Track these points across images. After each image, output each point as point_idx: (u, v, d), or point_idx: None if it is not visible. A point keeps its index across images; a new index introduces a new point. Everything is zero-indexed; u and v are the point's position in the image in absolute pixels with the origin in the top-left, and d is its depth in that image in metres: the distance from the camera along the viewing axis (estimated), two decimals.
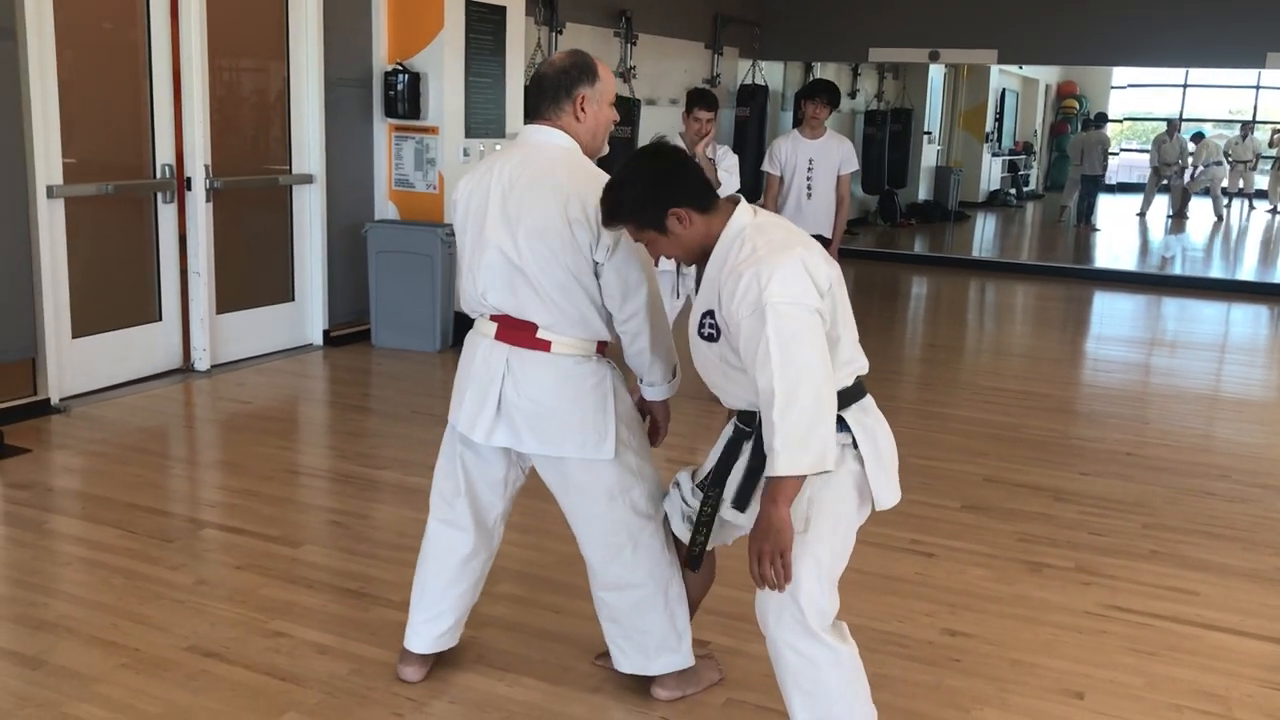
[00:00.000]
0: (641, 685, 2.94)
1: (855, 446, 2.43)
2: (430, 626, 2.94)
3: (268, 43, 6.50)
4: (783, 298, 2.27)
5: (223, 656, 3.06)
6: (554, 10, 8.48)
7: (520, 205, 2.61)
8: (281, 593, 3.48)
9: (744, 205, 2.47)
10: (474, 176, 2.76)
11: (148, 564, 3.66)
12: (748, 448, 2.51)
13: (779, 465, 2.25)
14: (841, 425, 2.39)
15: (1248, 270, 13.65)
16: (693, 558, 2.67)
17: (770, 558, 2.29)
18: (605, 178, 2.56)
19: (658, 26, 10.02)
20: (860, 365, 2.48)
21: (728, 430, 2.61)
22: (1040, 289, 10.94)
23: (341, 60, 6.73)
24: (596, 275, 2.62)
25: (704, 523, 2.61)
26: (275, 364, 6.44)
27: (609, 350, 2.78)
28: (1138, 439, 5.57)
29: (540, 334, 2.65)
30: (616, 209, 2.46)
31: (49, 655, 3.04)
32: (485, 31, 7.22)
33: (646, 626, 2.80)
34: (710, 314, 2.44)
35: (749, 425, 2.51)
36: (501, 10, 7.34)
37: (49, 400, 5.25)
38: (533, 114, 2.73)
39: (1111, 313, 10.28)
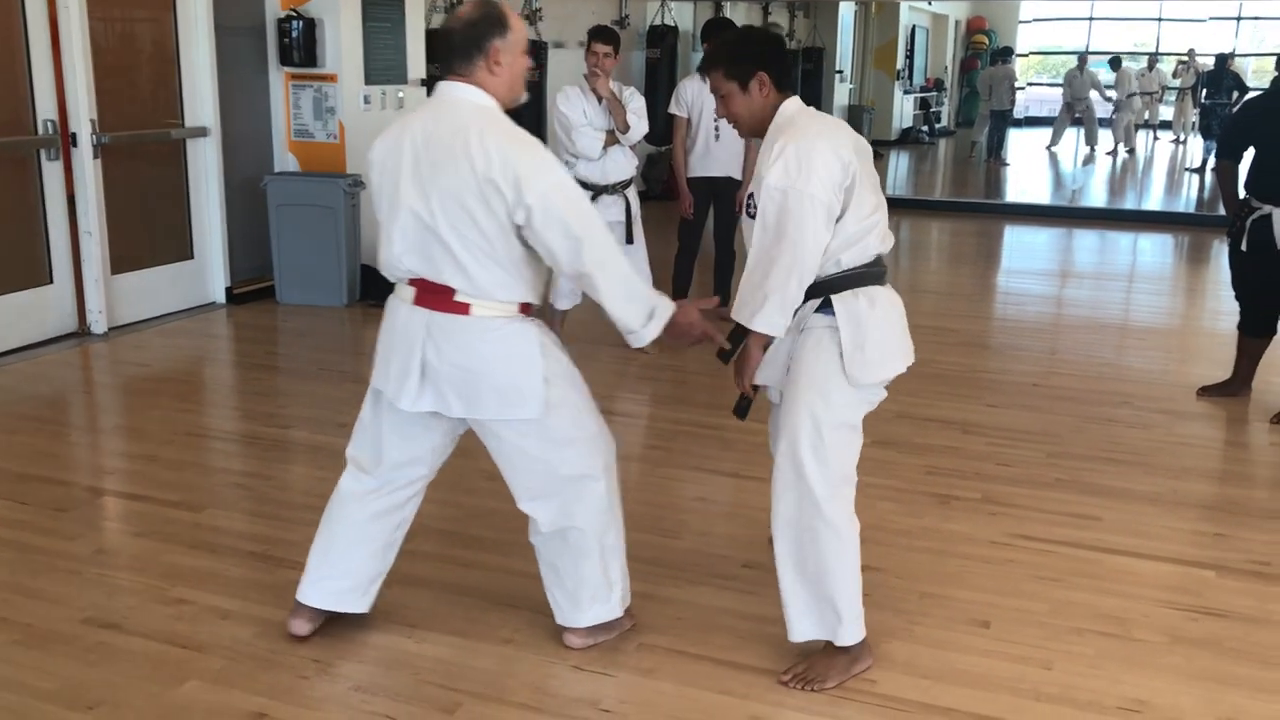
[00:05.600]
0: (554, 634, 2.92)
1: (839, 334, 2.67)
2: (328, 583, 2.88)
3: None
4: (775, 180, 2.58)
5: (121, 627, 2.97)
6: None
7: (433, 166, 2.54)
8: (183, 559, 3.39)
9: (792, 100, 2.77)
10: (388, 136, 2.67)
11: (41, 535, 3.53)
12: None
13: (732, 310, 2.70)
14: (828, 308, 2.68)
15: (1155, 201, 13.94)
16: (740, 408, 2.90)
17: (744, 377, 2.80)
18: (524, 136, 2.55)
19: None
20: (866, 249, 2.69)
21: None
22: (954, 225, 11.06)
23: (233, 7, 6.48)
24: (522, 239, 2.56)
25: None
26: (176, 324, 6.26)
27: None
28: (1045, 370, 5.67)
29: (459, 297, 2.60)
30: (720, 51, 2.82)
31: None
32: None
33: (582, 575, 2.81)
34: (752, 195, 2.73)
35: None
36: None
37: None
38: (445, 69, 2.63)
39: (1023, 247, 10.44)
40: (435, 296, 2.61)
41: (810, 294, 2.68)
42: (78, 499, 3.86)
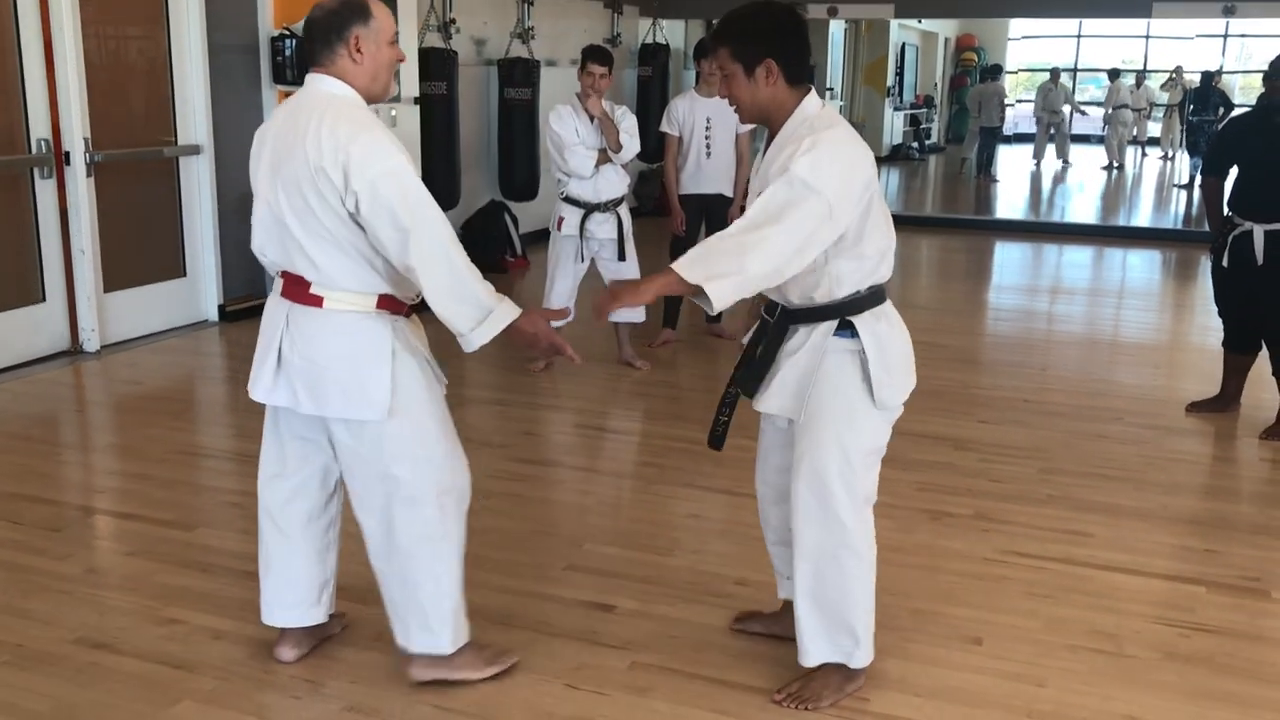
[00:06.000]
0: (549, 654, 2.92)
1: (863, 355, 2.58)
2: (276, 601, 2.86)
3: (145, 8, 6.24)
4: (804, 173, 2.39)
5: (113, 647, 2.96)
6: None
7: (280, 156, 2.51)
8: (175, 578, 3.38)
9: (814, 96, 2.59)
10: (257, 133, 2.67)
11: (32, 555, 3.52)
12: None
13: (680, 264, 2.42)
14: (851, 331, 2.57)
15: (1144, 217, 14.01)
16: (714, 437, 2.79)
17: (614, 299, 2.50)
18: (366, 122, 2.47)
19: None
20: (882, 271, 2.62)
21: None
22: (944, 241, 11.09)
23: (226, 25, 6.49)
24: (360, 226, 2.49)
25: (726, 404, 2.76)
26: (169, 342, 6.25)
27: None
28: (1037, 386, 5.69)
29: (314, 289, 2.55)
30: (729, 27, 2.56)
31: None
32: None
33: (409, 600, 2.70)
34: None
35: (770, 315, 2.67)
36: None
37: None
38: (309, 60, 2.59)
39: (1013, 262, 10.48)
40: (294, 288, 2.58)
41: (826, 315, 2.59)
42: (69, 518, 3.85)
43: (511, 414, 5.12)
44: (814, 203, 2.39)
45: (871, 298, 2.61)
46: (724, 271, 2.38)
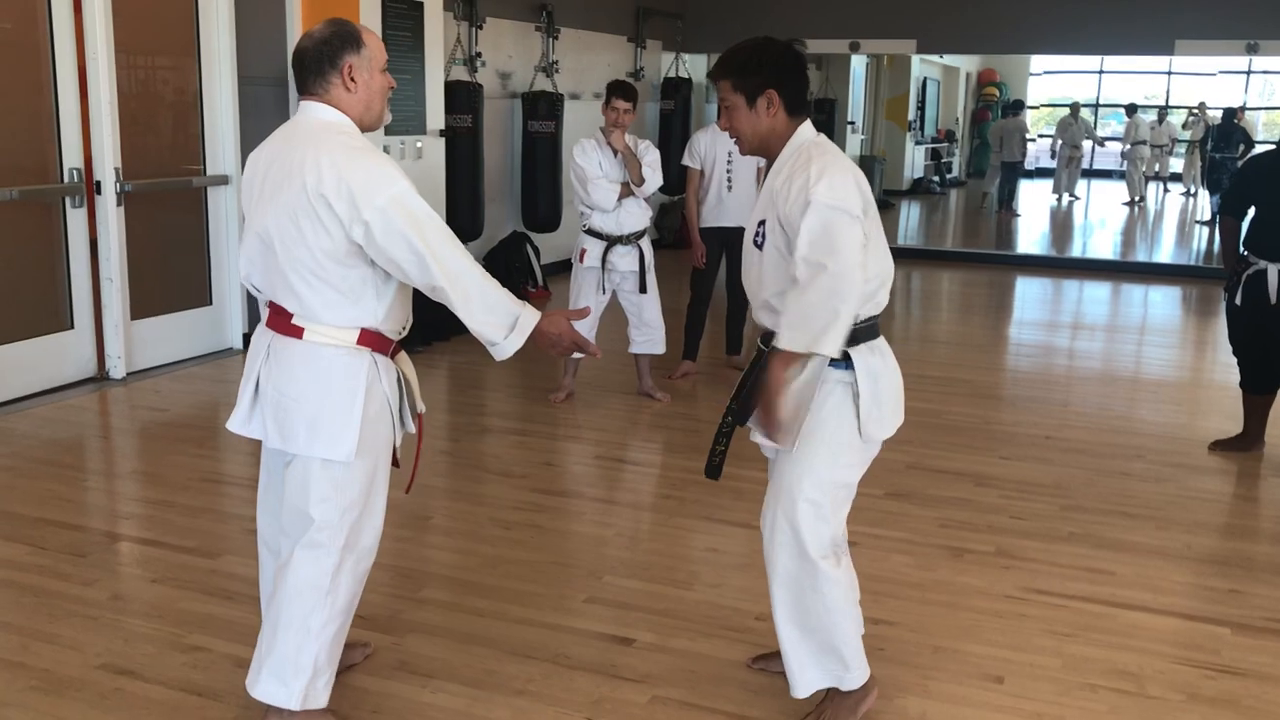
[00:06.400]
0: (569, 686, 2.93)
1: (856, 387, 2.60)
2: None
3: (178, 40, 6.35)
4: (827, 198, 2.45)
5: (137, 674, 2.99)
6: (473, 5, 8.40)
7: (274, 183, 2.48)
8: (199, 605, 3.41)
9: (808, 124, 2.66)
10: (249, 161, 2.64)
11: (59, 580, 3.56)
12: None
13: (780, 339, 2.45)
14: (846, 363, 2.58)
15: (1165, 253, 13.98)
16: (711, 467, 2.80)
17: (764, 412, 2.51)
18: (364, 149, 2.46)
19: (579, 20, 9.98)
20: (879, 301, 2.62)
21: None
22: (965, 275, 11.10)
23: (256, 58, 6.59)
24: (367, 259, 2.47)
25: (723, 434, 2.77)
26: (193, 370, 6.31)
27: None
28: (1057, 422, 5.68)
29: (294, 320, 2.52)
30: (731, 60, 2.64)
31: None
32: (403, 28, 7.13)
33: (274, 639, 2.59)
34: (763, 223, 2.62)
35: (765, 344, 2.63)
36: (419, 6, 7.25)
37: None
38: (301, 88, 2.56)
39: (1033, 297, 10.46)
40: (277, 318, 2.55)
41: None
42: (94, 544, 3.89)
43: (531, 444, 5.14)
44: (846, 218, 2.46)
45: (868, 330, 2.62)
46: (824, 324, 2.42)
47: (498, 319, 2.50)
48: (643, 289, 5.75)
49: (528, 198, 9.24)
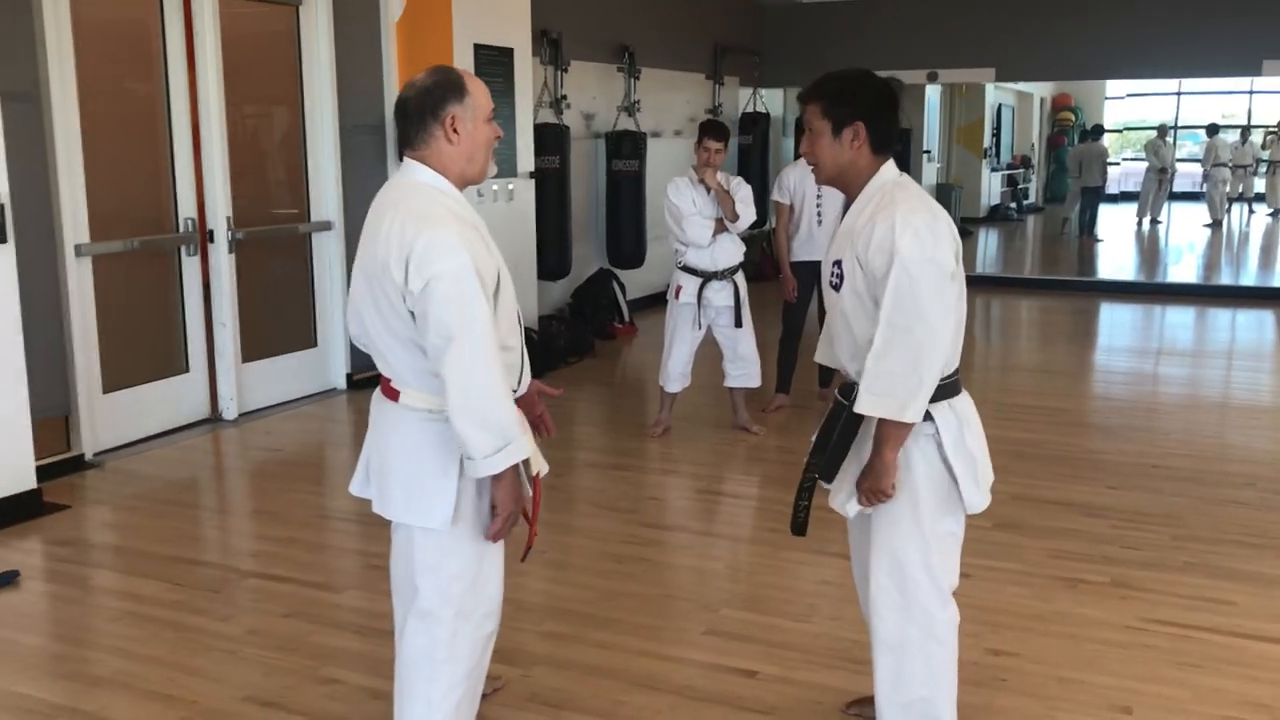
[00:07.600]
0: (702, 717, 2.98)
1: (939, 440, 2.51)
2: None
3: (282, 91, 6.60)
4: (913, 252, 2.38)
5: (281, 705, 3.10)
6: (559, 50, 8.59)
7: (363, 248, 2.45)
8: (330, 639, 3.52)
9: (891, 164, 2.58)
10: (372, 205, 2.57)
11: (196, 615, 3.71)
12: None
13: (861, 403, 2.42)
14: (928, 419, 2.49)
15: (1250, 276, 13.71)
16: (796, 524, 2.74)
17: (870, 495, 2.51)
18: (439, 219, 2.33)
19: (660, 60, 10.14)
20: (953, 359, 2.52)
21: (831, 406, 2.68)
22: (1046, 303, 11.00)
23: (355, 106, 6.82)
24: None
25: (805, 489, 2.71)
26: (301, 410, 6.50)
27: None
28: (1162, 450, 5.61)
29: (392, 384, 2.47)
30: (825, 85, 2.57)
31: (107, 712, 3.08)
32: (495, 74, 7.32)
33: (402, 709, 2.57)
34: (839, 263, 2.55)
35: (847, 398, 2.57)
36: (509, 52, 7.44)
37: (83, 456, 5.31)
38: (402, 142, 2.48)
39: (1118, 324, 10.33)
40: (382, 379, 2.52)
41: None
42: (226, 580, 4.03)
43: (631, 479, 5.22)
44: (932, 270, 2.39)
45: (950, 388, 2.53)
46: (909, 392, 2.39)
47: (487, 437, 2.31)
48: (738, 323, 5.81)
49: (612, 235, 9.38)
